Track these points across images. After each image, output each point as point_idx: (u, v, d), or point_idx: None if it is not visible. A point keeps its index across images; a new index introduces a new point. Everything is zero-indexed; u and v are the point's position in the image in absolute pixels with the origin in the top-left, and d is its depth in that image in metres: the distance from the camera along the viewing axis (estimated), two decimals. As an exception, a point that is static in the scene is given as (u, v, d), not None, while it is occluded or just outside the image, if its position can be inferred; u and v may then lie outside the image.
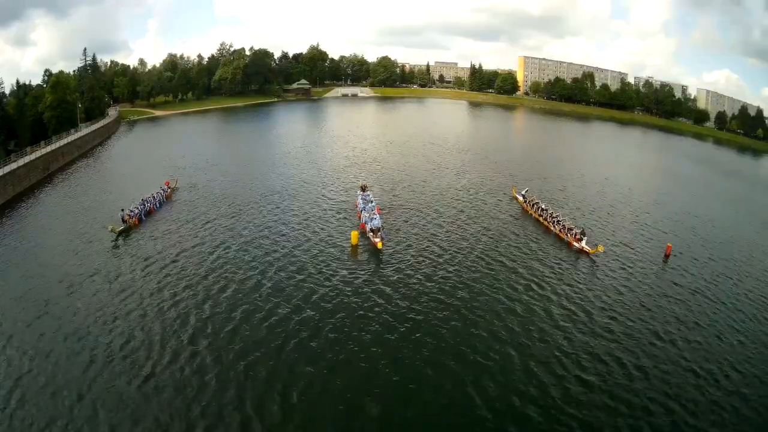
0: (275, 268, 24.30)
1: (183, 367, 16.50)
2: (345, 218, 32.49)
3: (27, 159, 42.34)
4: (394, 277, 23.58)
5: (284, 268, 24.40)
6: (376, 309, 20.55)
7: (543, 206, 34.62)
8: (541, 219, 33.42)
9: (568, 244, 29.27)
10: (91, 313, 19.79)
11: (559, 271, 25.58)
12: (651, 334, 19.97)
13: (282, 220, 32.02)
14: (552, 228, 31.63)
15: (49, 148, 47.80)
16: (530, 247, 28.85)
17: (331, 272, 23.98)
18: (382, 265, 24.96)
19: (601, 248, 27.61)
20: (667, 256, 28.77)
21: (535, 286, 23.62)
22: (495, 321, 20.09)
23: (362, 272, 24.08)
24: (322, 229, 30.39)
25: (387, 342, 18.26)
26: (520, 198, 38.09)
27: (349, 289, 22.25)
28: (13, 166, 39.47)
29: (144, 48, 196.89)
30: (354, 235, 27.90)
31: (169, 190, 37.23)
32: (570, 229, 30.03)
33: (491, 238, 30.06)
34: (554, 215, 32.63)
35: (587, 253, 27.77)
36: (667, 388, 16.56)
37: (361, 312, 20.29)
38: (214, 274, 23.47)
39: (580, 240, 28.64)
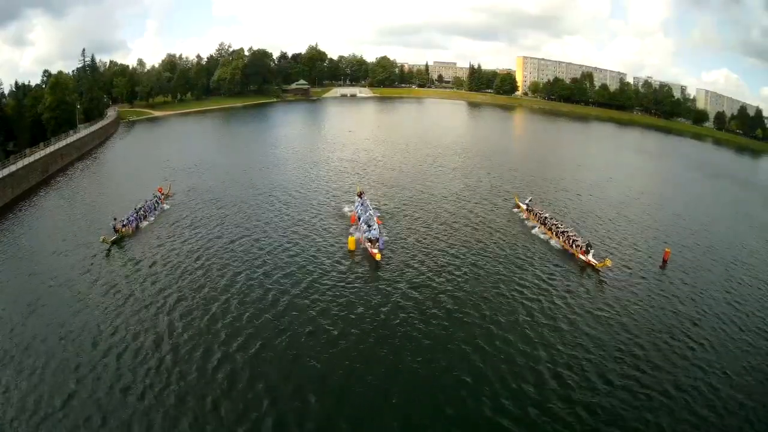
0: (269, 278, 23.70)
1: (171, 378, 16.29)
2: (343, 224, 32.06)
3: (26, 161, 42.35)
4: (392, 291, 22.82)
5: (280, 278, 23.71)
6: (372, 320, 20.19)
7: (547, 216, 33.30)
8: (545, 229, 31.96)
9: (574, 256, 28.09)
10: (79, 320, 19.72)
11: (562, 283, 24.90)
12: (650, 342, 19.97)
13: (278, 226, 31.51)
14: (557, 239, 30.21)
15: (48, 150, 47.85)
16: (534, 260, 27.68)
17: (329, 279, 23.74)
18: (379, 278, 24.15)
19: (608, 262, 26.36)
20: (665, 262, 28.65)
21: (531, 295, 23.47)
22: (494, 334, 19.75)
23: (359, 284, 23.32)
24: (319, 236, 29.80)
25: (383, 358, 17.81)
26: (524, 207, 36.53)
27: (345, 300, 21.70)
28: (12, 168, 39.48)
29: (142, 48, 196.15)
30: (351, 240, 27.61)
31: (162, 196, 36.46)
32: (575, 241, 28.81)
33: (493, 248, 29.06)
34: (559, 226, 31.30)
35: (594, 267, 26.58)
36: (664, 396, 16.61)
37: (357, 322, 20.01)
38: (207, 284, 22.94)
39: (587, 253, 27.45)
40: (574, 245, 28.69)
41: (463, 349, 18.44)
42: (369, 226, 28.53)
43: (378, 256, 25.49)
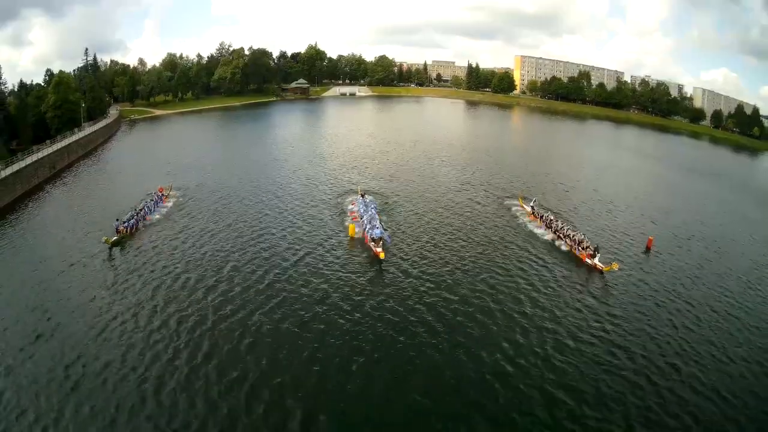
0: (270, 271, 24.39)
1: (167, 384, 16.45)
2: (344, 219, 32.69)
3: (35, 157, 43.44)
4: (393, 288, 23.06)
5: (281, 277, 23.91)
6: (371, 317, 20.48)
7: (552, 218, 33.03)
8: (549, 231, 31.55)
9: (580, 260, 27.70)
10: (80, 321, 20.14)
11: (568, 287, 24.71)
12: (647, 336, 20.67)
13: (279, 224, 31.77)
14: (562, 241, 29.85)
15: (55, 147, 49.06)
16: (536, 260, 27.54)
17: (329, 282, 23.67)
18: (381, 275, 24.40)
19: (615, 266, 25.82)
20: (648, 249, 29.80)
21: (532, 290, 23.79)
22: (496, 330, 20.14)
23: (362, 281, 23.60)
24: (320, 231, 30.27)
25: (383, 365, 17.69)
26: (528, 209, 35.94)
27: (347, 296, 22.11)
28: (22, 164, 40.57)
29: (141, 48, 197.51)
30: (351, 228, 28.41)
31: (163, 196, 36.77)
32: (581, 243, 28.40)
33: (495, 248, 28.99)
34: (565, 228, 30.80)
35: (600, 270, 26.19)
36: (652, 389, 17.15)
37: (356, 327, 20.01)
38: (207, 282, 23.31)
39: (593, 256, 27.01)
40: (580, 248, 28.28)
41: (466, 346, 18.78)
42: (372, 224, 28.50)
43: (382, 255, 25.40)
